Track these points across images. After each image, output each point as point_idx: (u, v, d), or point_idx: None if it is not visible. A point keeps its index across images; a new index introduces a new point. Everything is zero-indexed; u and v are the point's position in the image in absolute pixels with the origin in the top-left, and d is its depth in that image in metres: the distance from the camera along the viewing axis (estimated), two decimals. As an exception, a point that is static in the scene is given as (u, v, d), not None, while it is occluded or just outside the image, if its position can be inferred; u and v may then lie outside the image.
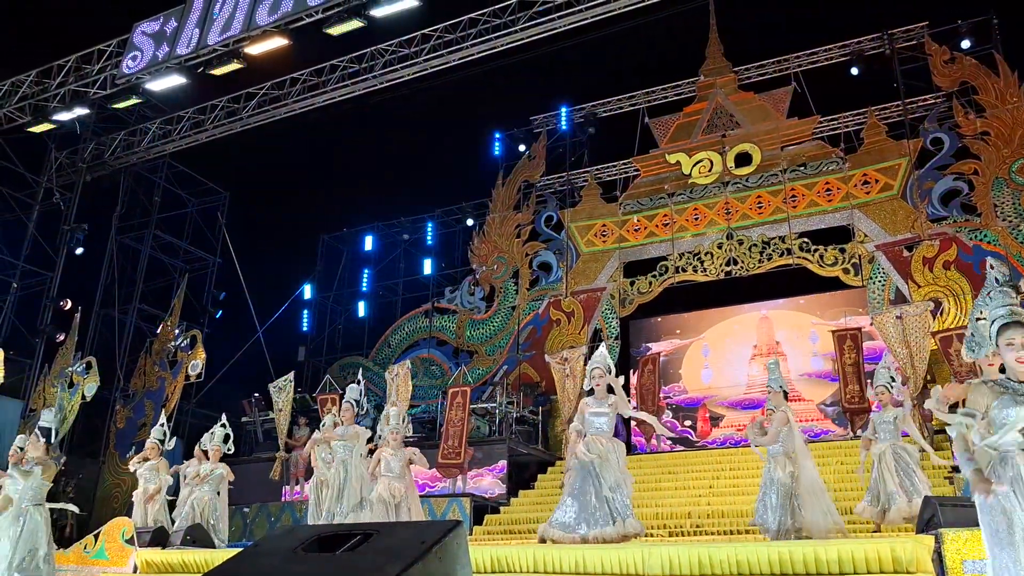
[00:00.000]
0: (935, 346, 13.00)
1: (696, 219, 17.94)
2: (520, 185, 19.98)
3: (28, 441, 6.61)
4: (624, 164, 19.22)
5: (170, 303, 18.80)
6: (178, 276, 20.65)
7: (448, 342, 19.96)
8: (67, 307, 17.58)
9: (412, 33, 15.75)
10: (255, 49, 14.89)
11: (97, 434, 17.82)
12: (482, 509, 13.42)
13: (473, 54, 15.47)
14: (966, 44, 16.05)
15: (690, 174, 18.22)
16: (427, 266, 21.32)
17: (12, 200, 18.62)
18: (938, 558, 4.80)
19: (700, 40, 18.78)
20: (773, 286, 17.06)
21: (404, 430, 9.12)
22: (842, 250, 16.41)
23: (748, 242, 17.27)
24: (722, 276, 17.34)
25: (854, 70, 17.12)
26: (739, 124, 18.04)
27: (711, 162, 18.06)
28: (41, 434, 6.71)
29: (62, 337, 17.35)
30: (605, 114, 19.60)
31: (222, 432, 10.31)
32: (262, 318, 20.03)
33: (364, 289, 22.39)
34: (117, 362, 18.68)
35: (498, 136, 20.59)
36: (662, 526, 11.22)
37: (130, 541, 8.18)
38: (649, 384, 16.03)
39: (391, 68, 16.10)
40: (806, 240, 16.77)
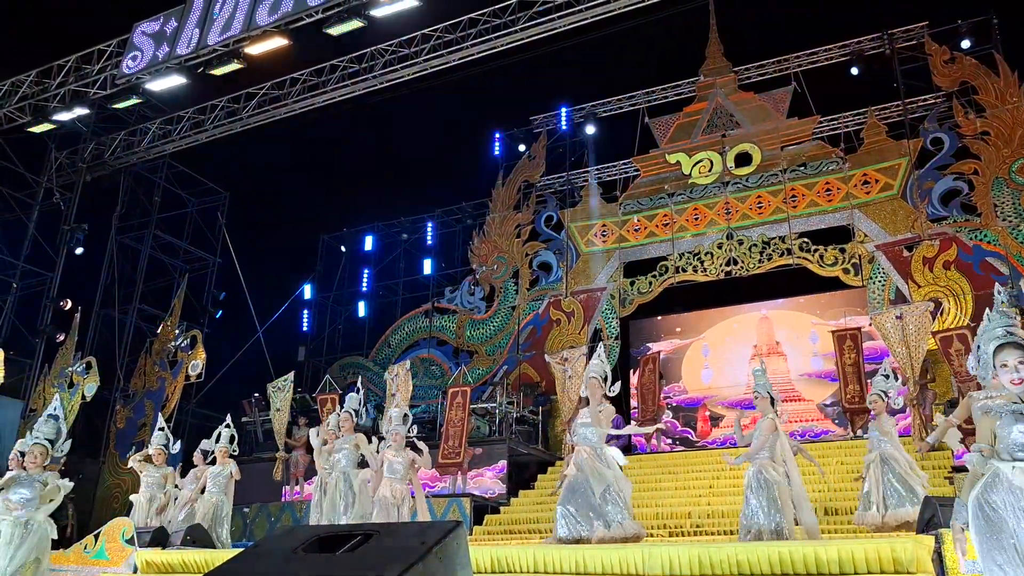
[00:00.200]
0: (935, 346, 13.00)
1: (696, 219, 17.95)
2: (520, 185, 19.98)
3: (27, 450, 6.56)
4: (624, 164, 19.22)
5: (170, 303, 18.80)
6: (178, 276, 20.65)
7: (448, 342, 19.96)
8: (67, 307, 17.58)
9: (412, 33, 15.75)
10: (255, 49, 14.89)
11: (97, 434, 17.81)
12: (482, 509, 13.41)
13: (473, 54, 15.47)
14: (966, 44, 16.05)
15: (690, 174, 18.22)
16: (427, 266, 21.32)
17: (12, 200, 18.63)
18: (938, 558, 4.80)
19: (700, 40, 18.79)
20: (773, 286, 17.07)
21: (406, 431, 9.12)
22: (842, 250, 16.41)
23: (748, 242, 17.27)
24: (722, 276, 17.34)
25: (854, 70, 17.12)
26: (739, 124, 18.04)
27: (711, 162, 18.07)
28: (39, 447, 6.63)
29: (62, 337, 17.35)
30: (605, 114, 19.61)
31: (228, 433, 10.31)
32: (262, 318, 20.05)
33: (364, 289, 22.39)
34: (117, 362, 18.69)
35: (498, 136, 20.60)
36: (662, 526, 11.20)
37: (130, 541, 8.18)
38: (649, 384, 16.03)
39: (391, 68, 16.10)
40: (806, 240, 16.77)
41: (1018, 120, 15.34)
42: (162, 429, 10.74)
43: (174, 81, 15.94)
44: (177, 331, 18.13)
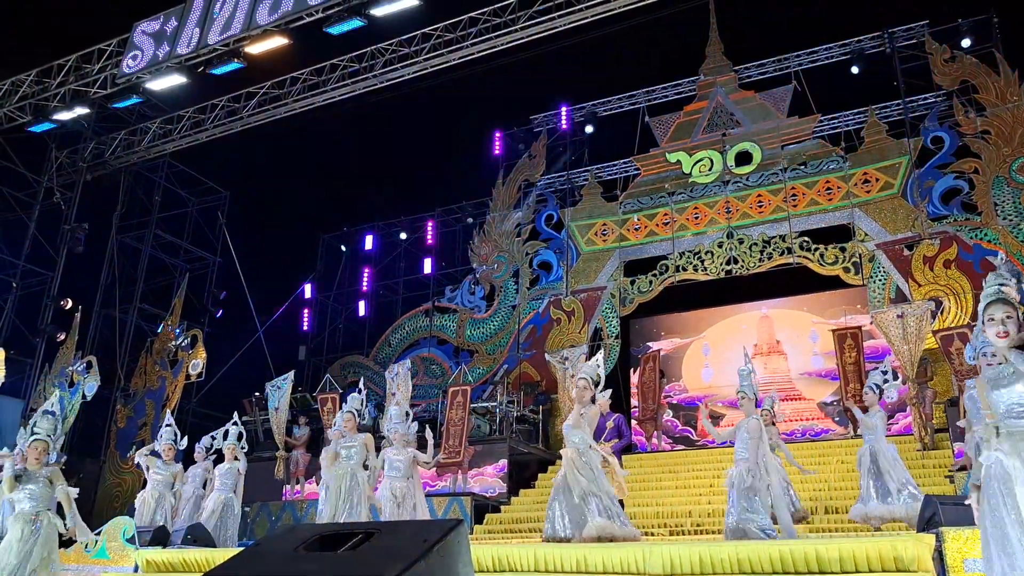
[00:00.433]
0: (935, 344, 13.00)
1: (696, 218, 17.94)
2: (520, 184, 19.99)
3: (28, 445, 6.59)
4: (624, 163, 19.21)
5: (171, 302, 18.80)
6: (178, 275, 20.65)
7: (448, 341, 19.96)
8: (68, 306, 17.58)
9: (412, 32, 15.75)
10: (255, 48, 14.89)
11: (98, 433, 17.82)
12: (483, 508, 13.42)
13: (473, 53, 15.47)
14: (966, 43, 16.05)
15: (690, 173, 18.22)
16: (427, 265, 21.30)
17: (13, 200, 18.62)
18: (939, 557, 4.80)
19: (700, 39, 18.80)
20: (773, 285, 17.07)
21: (406, 429, 9.12)
22: (842, 249, 16.41)
23: (748, 241, 17.27)
24: (722, 275, 17.35)
25: (854, 69, 17.11)
26: (739, 123, 18.04)
27: (711, 161, 18.07)
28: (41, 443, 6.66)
29: (63, 336, 17.35)
30: (605, 113, 19.60)
31: (236, 431, 10.33)
32: (262, 317, 20.07)
33: (364, 288, 22.38)
34: (118, 361, 18.68)
35: (498, 135, 20.58)
36: (663, 525, 11.21)
37: (131, 540, 8.18)
38: (650, 382, 16.03)
39: (391, 67, 16.09)
40: (806, 239, 16.77)
41: (1018, 119, 15.34)
42: (170, 425, 10.71)
43: (174, 80, 15.93)
44: (178, 330, 18.14)
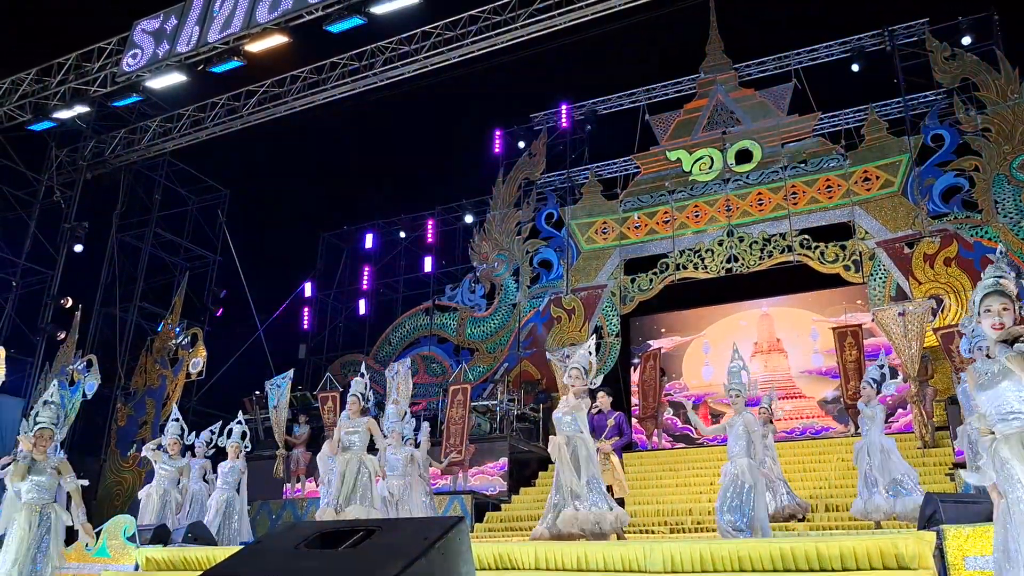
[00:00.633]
0: (936, 342, 13.00)
1: (697, 216, 17.94)
2: (521, 182, 19.98)
3: (32, 435, 6.64)
4: (624, 161, 19.21)
5: (171, 301, 18.80)
6: (179, 274, 20.65)
7: (449, 340, 19.96)
8: (68, 305, 17.57)
9: (412, 30, 15.73)
10: (255, 47, 14.87)
11: (98, 432, 17.82)
12: (483, 506, 13.44)
13: (473, 51, 15.45)
14: (967, 40, 16.05)
15: (691, 171, 18.22)
16: (427, 264, 21.31)
17: (13, 198, 18.62)
18: (940, 554, 4.79)
19: (700, 37, 18.79)
20: (774, 283, 17.07)
21: (402, 427, 9.12)
22: (843, 247, 16.41)
23: (749, 239, 17.26)
24: (723, 273, 17.35)
25: (855, 66, 17.10)
26: (740, 121, 18.03)
27: (712, 159, 18.06)
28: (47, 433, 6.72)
29: (63, 335, 17.35)
30: (605, 111, 19.59)
31: (239, 429, 10.34)
32: (263, 316, 20.07)
33: (365, 287, 22.39)
34: (118, 360, 18.68)
35: (499, 133, 20.57)
36: (663, 523, 11.21)
37: (132, 538, 8.18)
38: (651, 380, 16.04)
39: (391, 66, 16.08)
40: (807, 237, 16.76)
41: (1019, 116, 15.33)
42: (177, 419, 10.73)
43: (174, 79, 15.91)
44: (178, 329, 18.13)
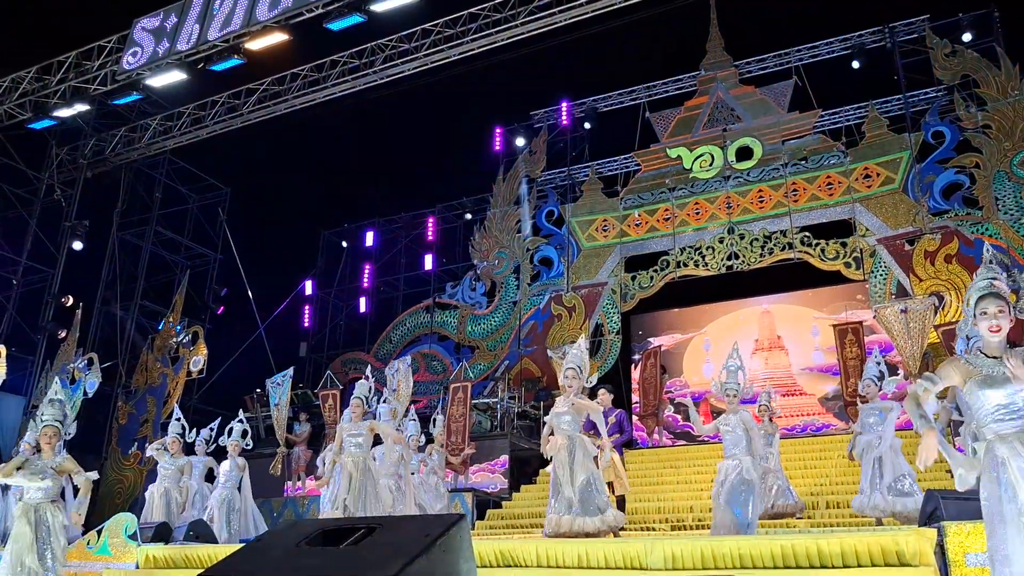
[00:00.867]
0: (937, 339, 13.00)
1: (697, 214, 17.93)
2: (521, 180, 19.97)
3: (39, 434, 6.70)
4: (625, 159, 19.20)
5: (171, 299, 18.81)
6: (179, 272, 20.66)
7: (449, 337, 19.97)
8: (69, 303, 17.58)
9: (412, 28, 15.72)
10: (255, 45, 14.87)
11: (99, 430, 17.83)
12: (484, 504, 13.43)
13: (473, 49, 15.45)
14: (967, 37, 16.03)
15: (691, 168, 18.21)
16: (428, 261, 21.31)
17: (13, 197, 18.63)
18: (940, 551, 4.80)
19: (701, 34, 18.77)
20: (774, 280, 17.07)
21: (394, 427, 9.11)
22: (843, 244, 16.40)
23: (749, 236, 17.26)
24: (723, 271, 17.35)
25: (855, 63, 17.08)
26: (740, 118, 18.02)
27: (712, 156, 18.06)
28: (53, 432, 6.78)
29: (64, 334, 17.37)
30: (605, 109, 19.58)
31: (240, 428, 10.35)
32: (263, 314, 20.07)
33: (365, 285, 22.40)
34: (119, 358, 18.69)
35: (499, 131, 20.56)
36: (664, 520, 11.22)
37: (133, 537, 8.19)
38: (651, 378, 16.03)
39: (391, 63, 16.07)
40: (807, 234, 16.76)
41: (1019, 113, 15.32)
42: (179, 419, 10.75)
43: (174, 77, 15.91)
44: (178, 327, 18.14)
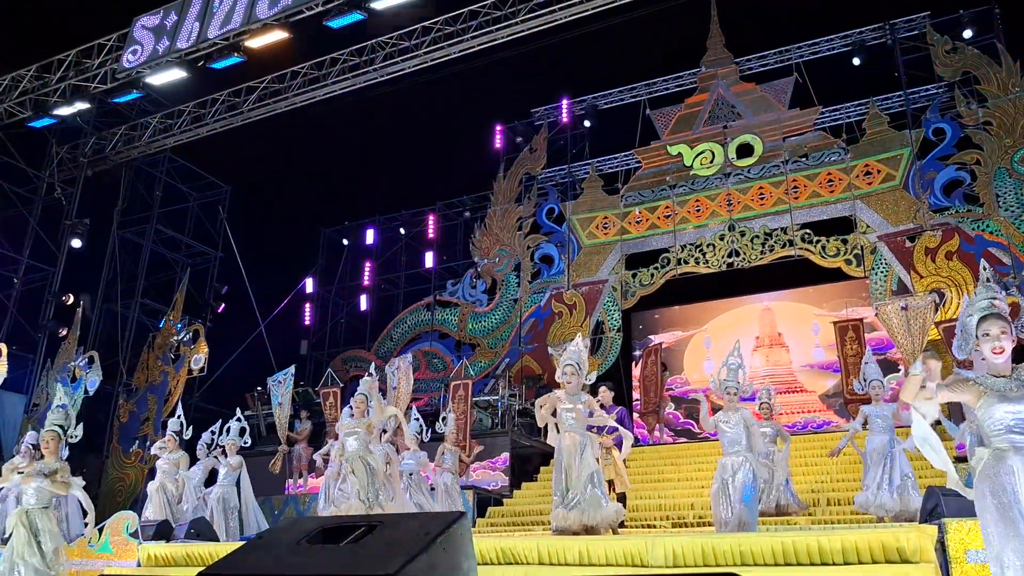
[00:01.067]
0: (938, 336, 12.99)
1: (698, 211, 17.92)
2: (521, 177, 19.96)
3: (41, 440, 6.73)
4: (625, 156, 19.19)
5: (172, 297, 18.80)
6: (180, 270, 20.65)
7: (450, 335, 19.97)
8: (69, 302, 17.58)
9: (413, 26, 15.71)
10: (255, 43, 14.86)
11: (100, 429, 17.83)
12: (485, 501, 13.44)
13: (474, 46, 15.44)
14: (968, 34, 16.01)
15: (691, 166, 18.20)
16: (428, 259, 21.29)
17: (14, 195, 18.62)
18: (941, 547, 4.80)
19: (701, 31, 18.75)
20: (775, 278, 17.06)
21: (385, 424, 9.10)
22: (844, 241, 16.39)
23: (750, 234, 17.25)
24: (724, 268, 17.34)
25: (856, 60, 17.06)
26: (740, 115, 18.01)
27: (713, 153, 18.05)
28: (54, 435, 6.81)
29: (64, 332, 17.37)
30: (606, 106, 19.56)
31: (237, 426, 10.37)
32: (264, 312, 20.06)
33: (366, 282, 22.39)
34: (120, 356, 18.70)
35: (499, 128, 20.55)
36: (665, 517, 11.22)
37: (134, 535, 8.20)
38: (652, 375, 16.03)
39: (391, 61, 16.06)
40: (808, 231, 16.75)
41: (1020, 110, 15.30)
42: (178, 417, 10.82)
43: (174, 75, 15.91)
44: (179, 325, 18.14)
